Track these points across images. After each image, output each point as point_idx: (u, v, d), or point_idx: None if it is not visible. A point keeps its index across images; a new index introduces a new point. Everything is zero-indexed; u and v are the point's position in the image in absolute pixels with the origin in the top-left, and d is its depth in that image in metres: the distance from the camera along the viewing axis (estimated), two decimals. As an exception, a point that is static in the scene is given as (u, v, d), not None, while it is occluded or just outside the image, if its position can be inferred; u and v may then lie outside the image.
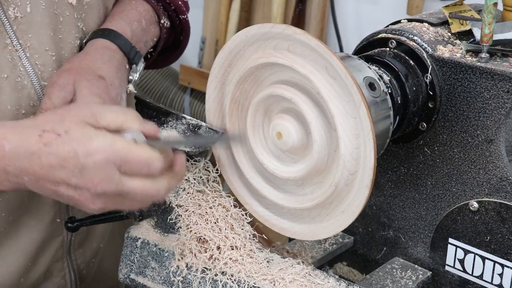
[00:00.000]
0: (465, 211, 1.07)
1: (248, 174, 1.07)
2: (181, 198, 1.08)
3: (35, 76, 1.11)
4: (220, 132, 1.06)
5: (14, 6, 1.08)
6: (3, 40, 1.08)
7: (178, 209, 1.07)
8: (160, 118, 1.12)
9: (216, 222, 1.06)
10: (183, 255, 1.07)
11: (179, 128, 1.10)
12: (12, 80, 1.09)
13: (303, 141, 0.99)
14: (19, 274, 1.21)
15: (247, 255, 1.05)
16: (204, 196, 1.08)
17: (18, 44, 1.09)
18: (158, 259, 1.10)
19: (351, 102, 0.92)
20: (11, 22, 1.08)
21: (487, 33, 1.01)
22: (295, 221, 1.05)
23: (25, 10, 1.09)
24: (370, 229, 1.21)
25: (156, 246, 1.10)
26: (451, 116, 1.06)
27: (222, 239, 1.05)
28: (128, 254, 1.14)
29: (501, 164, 1.03)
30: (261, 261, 1.04)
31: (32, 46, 1.11)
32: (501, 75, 1.00)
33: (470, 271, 1.09)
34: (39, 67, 1.12)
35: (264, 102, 1.01)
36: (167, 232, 1.12)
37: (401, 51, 1.08)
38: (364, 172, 0.94)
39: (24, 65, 1.10)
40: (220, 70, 1.04)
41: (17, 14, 1.08)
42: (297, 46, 0.94)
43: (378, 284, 1.10)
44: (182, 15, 1.34)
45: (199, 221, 1.06)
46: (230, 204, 1.08)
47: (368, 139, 0.92)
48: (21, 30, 1.09)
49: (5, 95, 1.08)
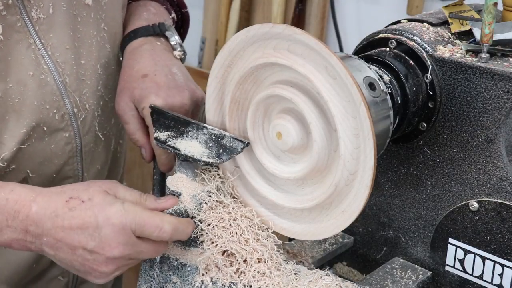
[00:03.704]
0: (465, 211, 1.07)
1: (248, 174, 1.07)
2: (203, 212, 1.05)
3: (56, 73, 1.18)
4: (245, 143, 1.02)
5: (36, 7, 1.14)
6: (27, 40, 1.14)
7: (201, 224, 1.05)
8: (178, 128, 1.07)
9: (242, 234, 1.03)
10: (207, 269, 1.04)
11: (200, 138, 1.05)
12: (36, 77, 1.15)
13: (303, 141, 0.99)
14: (31, 261, 1.27)
15: (274, 267, 1.02)
16: (225, 208, 1.06)
17: (40, 43, 1.15)
18: (180, 274, 1.07)
19: (351, 102, 0.92)
20: (34, 22, 1.14)
21: (487, 33, 1.01)
22: (295, 221, 1.05)
23: (47, 11, 1.15)
24: (370, 229, 1.21)
25: (177, 261, 1.07)
26: (451, 116, 1.06)
27: (250, 251, 1.02)
28: (147, 269, 1.11)
29: (501, 164, 1.03)
30: (289, 274, 1.02)
31: (53, 44, 1.17)
32: (501, 75, 1.00)
33: (470, 271, 1.09)
34: (60, 64, 1.18)
35: (264, 102, 1.01)
36: (189, 246, 1.07)
37: (401, 51, 1.08)
38: (364, 172, 0.94)
39: (47, 63, 1.16)
40: (220, 70, 1.04)
41: (39, 15, 1.14)
42: (297, 46, 0.94)
43: (378, 284, 1.10)
44: (184, 9, 1.42)
45: (223, 234, 1.03)
46: (253, 214, 1.06)
47: (368, 139, 0.92)
48: (43, 30, 1.15)
49: (31, 91, 1.15)
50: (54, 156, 1.21)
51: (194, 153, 1.05)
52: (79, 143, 1.24)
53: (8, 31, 1.11)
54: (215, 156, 1.04)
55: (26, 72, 1.14)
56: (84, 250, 0.99)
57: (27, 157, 1.18)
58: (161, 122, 1.09)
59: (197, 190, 1.05)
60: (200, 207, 1.05)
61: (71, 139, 1.22)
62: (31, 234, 1.00)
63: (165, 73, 1.19)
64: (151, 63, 1.21)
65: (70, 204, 0.99)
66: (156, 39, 1.27)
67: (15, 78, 1.13)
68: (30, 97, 1.15)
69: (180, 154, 1.06)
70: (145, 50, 1.25)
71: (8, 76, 1.12)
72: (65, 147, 1.22)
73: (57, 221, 0.99)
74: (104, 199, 1.00)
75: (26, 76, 1.14)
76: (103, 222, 0.98)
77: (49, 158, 1.20)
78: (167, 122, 1.09)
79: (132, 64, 1.23)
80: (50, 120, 1.18)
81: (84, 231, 0.98)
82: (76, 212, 0.99)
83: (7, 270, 1.25)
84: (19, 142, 1.15)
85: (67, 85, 1.19)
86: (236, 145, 1.02)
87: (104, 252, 0.98)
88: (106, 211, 0.98)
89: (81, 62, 1.21)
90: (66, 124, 1.20)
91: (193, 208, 1.04)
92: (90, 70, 1.23)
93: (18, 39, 1.12)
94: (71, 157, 1.23)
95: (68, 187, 1.03)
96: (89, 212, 0.98)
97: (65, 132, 1.21)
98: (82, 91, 1.22)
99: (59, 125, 1.19)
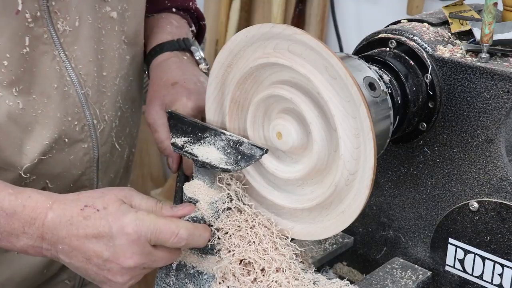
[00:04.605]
0: (465, 211, 1.07)
1: (248, 175, 1.07)
2: (220, 220, 1.03)
3: (79, 85, 1.18)
4: (264, 149, 1.00)
5: (63, 20, 1.14)
6: (52, 52, 1.14)
7: (218, 232, 1.03)
8: (196, 133, 1.06)
9: (260, 243, 1.02)
10: (224, 278, 1.03)
11: (218, 144, 1.04)
12: (60, 89, 1.16)
13: (303, 141, 0.99)
14: (42, 267, 1.28)
15: (292, 277, 1.01)
16: (242, 215, 1.04)
17: (64, 55, 1.16)
18: (196, 282, 1.06)
19: (351, 102, 0.92)
20: (59, 35, 1.14)
21: (487, 33, 1.01)
22: (295, 221, 1.05)
23: (73, 24, 1.16)
24: (370, 229, 1.21)
25: (193, 268, 1.06)
26: (451, 116, 1.06)
27: (268, 260, 1.01)
28: (163, 277, 1.09)
29: (501, 164, 1.03)
30: (307, 283, 1.01)
31: (77, 57, 1.17)
32: (501, 75, 1.00)
33: (470, 271, 1.09)
34: (83, 76, 1.19)
35: (264, 102, 1.01)
36: (205, 254, 1.06)
37: (401, 51, 1.08)
38: (364, 172, 0.94)
39: (70, 75, 1.17)
40: (220, 70, 1.04)
41: (65, 28, 1.15)
42: (297, 46, 0.94)
43: (378, 284, 1.10)
44: (202, 21, 1.46)
45: (241, 243, 1.02)
46: (271, 222, 1.05)
47: (368, 139, 0.92)
48: (67, 43, 1.16)
49: (54, 103, 1.15)
50: (72, 166, 1.21)
51: (212, 160, 1.02)
52: (97, 153, 1.24)
53: (34, 43, 1.11)
54: (233, 163, 1.02)
55: (50, 84, 1.14)
56: (99, 259, 0.98)
57: (47, 167, 1.18)
58: (178, 127, 1.08)
59: (215, 197, 1.04)
60: (218, 215, 1.04)
61: (90, 150, 1.23)
62: (47, 242, 1.00)
63: (194, 81, 1.22)
64: (179, 73, 1.24)
65: (85, 213, 0.99)
66: (182, 53, 1.30)
67: (39, 90, 1.13)
68: (54, 109, 1.15)
69: (197, 160, 1.03)
70: (173, 62, 1.27)
71: (32, 88, 1.12)
72: (84, 157, 1.22)
73: (71, 230, 0.98)
74: (119, 208, 0.99)
75: (50, 88, 1.14)
76: (117, 231, 0.97)
77: (67, 169, 1.21)
78: (184, 128, 1.07)
79: (160, 75, 1.25)
80: (71, 131, 1.18)
81: (98, 240, 0.98)
82: (90, 221, 0.98)
83: (19, 276, 1.26)
84: (41, 153, 1.15)
85: (89, 97, 1.20)
86: (255, 151, 1.01)
87: (120, 262, 0.98)
88: (121, 220, 0.98)
89: (103, 74, 1.22)
90: (85, 136, 1.21)
91: (210, 216, 1.03)
92: (111, 82, 1.24)
93: (44, 51, 1.13)
94: (88, 167, 1.24)
95: (84, 195, 1.03)
96: (103, 222, 0.98)
97: (84, 143, 1.21)
98: (102, 102, 1.23)
99: (79, 136, 1.20)
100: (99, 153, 1.25)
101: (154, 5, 1.40)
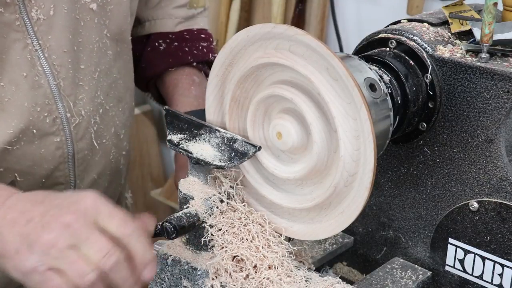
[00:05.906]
0: (465, 211, 1.07)
1: (247, 173, 1.07)
2: (214, 217, 1.04)
3: (51, 75, 1.16)
4: (257, 147, 1.01)
5: (37, 8, 1.12)
6: (24, 40, 1.12)
7: (211, 229, 1.04)
8: (191, 130, 1.07)
9: (252, 240, 1.03)
10: (217, 274, 1.03)
11: (212, 141, 1.05)
12: (30, 78, 1.14)
13: (303, 141, 0.99)
14: None
15: (285, 274, 1.01)
16: (236, 212, 1.05)
17: (37, 44, 1.14)
18: (190, 277, 1.06)
19: (352, 104, 0.92)
20: (33, 23, 1.13)
21: (487, 33, 1.01)
22: (294, 220, 1.05)
23: (48, 13, 1.14)
24: (370, 229, 1.21)
25: (188, 264, 1.06)
26: (451, 116, 1.06)
27: (260, 257, 1.01)
28: (158, 272, 1.09)
29: (501, 164, 1.03)
30: (299, 280, 1.02)
31: (51, 47, 1.15)
32: (501, 75, 1.00)
33: (470, 271, 1.09)
34: (56, 67, 1.16)
35: (265, 102, 1.01)
36: (200, 250, 1.06)
37: (401, 51, 1.08)
38: (364, 174, 0.94)
39: (42, 65, 1.15)
40: (220, 68, 1.04)
41: (39, 16, 1.13)
42: (299, 46, 0.94)
43: (378, 284, 1.10)
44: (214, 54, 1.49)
45: (233, 240, 1.02)
46: (264, 220, 1.05)
47: (369, 141, 0.92)
48: (42, 31, 1.14)
49: (22, 92, 1.13)
50: (43, 160, 1.19)
51: (206, 156, 1.03)
52: (71, 149, 1.22)
53: (5, 29, 1.10)
54: (227, 160, 1.03)
55: (20, 72, 1.13)
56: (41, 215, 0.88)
57: (16, 160, 1.16)
58: (174, 124, 1.08)
59: (209, 194, 1.04)
60: (211, 211, 1.04)
61: (62, 144, 1.21)
62: None
63: None
64: None
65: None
66: None
67: (7, 77, 1.12)
68: (21, 98, 1.13)
69: (192, 157, 1.05)
70: None
71: (0, 75, 1.11)
72: (56, 151, 1.20)
73: None
74: None
75: (19, 77, 1.13)
76: None
77: (38, 162, 1.19)
78: (180, 125, 1.08)
79: None
80: (41, 123, 1.17)
81: None
82: None
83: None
84: (5, 143, 1.14)
85: (61, 89, 1.18)
86: (248, 149, 1.02)
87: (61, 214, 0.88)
88: None
89: (80, 67, 1.20)
90: (57, 129, 1.19)
91: (203, 212, 1.03)
92: (89, 75, 1.22)
93: (15, 39, 1.11)
94: (62, 163, 1.22)
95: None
96: None
97: (56, 137, 1.19)
98: (78, 96, 1.21)
99: (50, 129, 1.18)
100: (75, 149, 1.22)
101: (176, 59, 1.41)
